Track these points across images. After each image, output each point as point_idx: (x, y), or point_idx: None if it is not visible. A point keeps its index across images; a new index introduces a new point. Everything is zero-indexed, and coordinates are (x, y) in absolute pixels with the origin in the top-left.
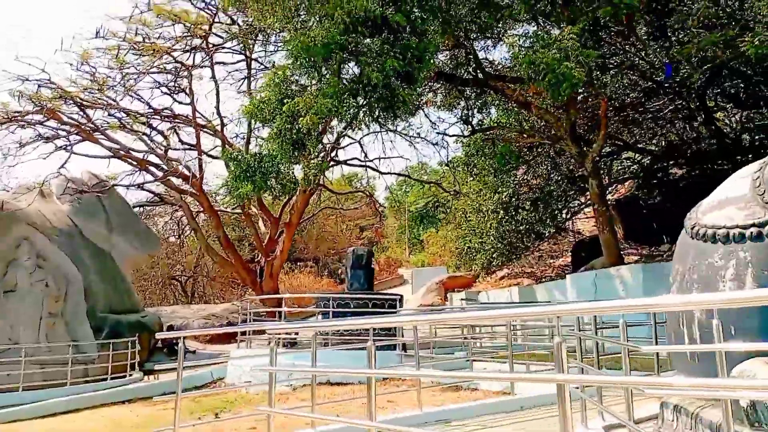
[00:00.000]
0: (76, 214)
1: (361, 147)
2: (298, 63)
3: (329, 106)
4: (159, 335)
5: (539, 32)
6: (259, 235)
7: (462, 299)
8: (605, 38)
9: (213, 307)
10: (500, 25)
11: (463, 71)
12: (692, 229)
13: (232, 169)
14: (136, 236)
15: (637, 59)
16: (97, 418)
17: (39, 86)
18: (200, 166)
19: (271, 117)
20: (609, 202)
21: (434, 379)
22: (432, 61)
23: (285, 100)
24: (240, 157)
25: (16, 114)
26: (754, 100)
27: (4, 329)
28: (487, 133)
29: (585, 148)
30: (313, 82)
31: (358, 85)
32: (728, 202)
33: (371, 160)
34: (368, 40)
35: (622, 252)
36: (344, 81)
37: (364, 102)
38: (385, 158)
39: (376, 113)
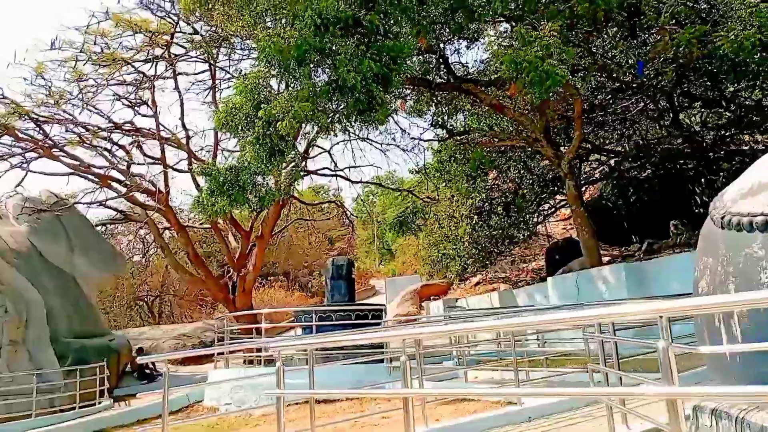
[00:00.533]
0: (35, 235)
1: (331, 156)
2: (271, 66)
3: (306, 110)
4: (141, 359)
5: (519, 31)
6: (230, 250)
7: (449, 307)
8: (573, 39)
9: (183, 327)
10: (473, 26)
11: (434, 75)
12: (722, 218)
13: (207, 185)
14: (100, 256)
15: (606, 60)
16: None
17: None
18: (166, 180)
19: (245, 124)
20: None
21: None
22: (408, 63)
23: (261, 105)
24: (214, 171)
25: None
26: (718, 98)
27: None
28: (461, 137)
29: (561, 150)
30: (284, 85)
31: (334, 87)
32: (762, 188)
33: (341, 170)
34: (342, 42)
35: None
36: (318, 84)
37: (341, 106)
38: (355, 167)
39: (353, 117)
